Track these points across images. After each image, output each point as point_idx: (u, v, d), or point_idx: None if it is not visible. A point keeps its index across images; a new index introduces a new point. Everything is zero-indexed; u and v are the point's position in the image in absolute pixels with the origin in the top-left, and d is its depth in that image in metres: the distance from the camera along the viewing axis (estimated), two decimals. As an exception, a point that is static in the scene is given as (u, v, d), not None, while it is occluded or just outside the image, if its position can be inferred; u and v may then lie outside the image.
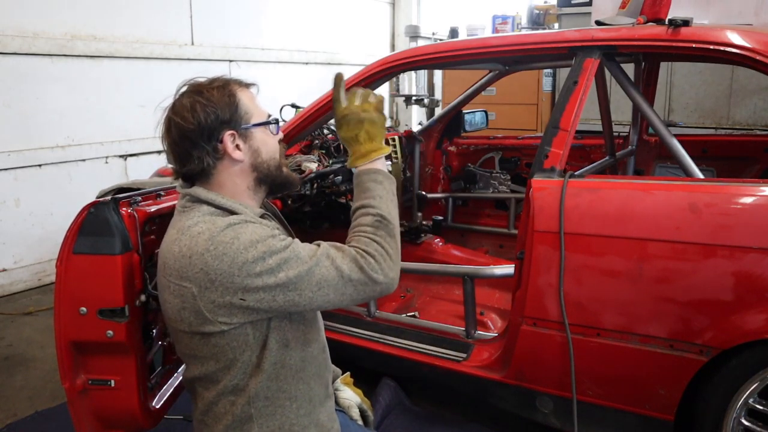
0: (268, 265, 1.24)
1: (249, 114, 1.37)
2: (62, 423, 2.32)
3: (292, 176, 1.49)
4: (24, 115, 3.79)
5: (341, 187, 2.70)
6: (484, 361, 2.08)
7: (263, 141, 1.39)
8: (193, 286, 1.26)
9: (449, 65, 3.57)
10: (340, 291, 1.29)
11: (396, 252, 1.36)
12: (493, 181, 3.51)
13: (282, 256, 1.26)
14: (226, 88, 1.37)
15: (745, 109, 4.48)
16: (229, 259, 1.23)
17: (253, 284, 1.24)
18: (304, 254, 1.29)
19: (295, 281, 1.26)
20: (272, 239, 1.28)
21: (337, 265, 1.29)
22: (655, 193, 1.74)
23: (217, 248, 1.24)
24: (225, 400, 1.37)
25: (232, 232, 1.26)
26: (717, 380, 1.69)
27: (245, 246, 1.24)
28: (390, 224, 1.37)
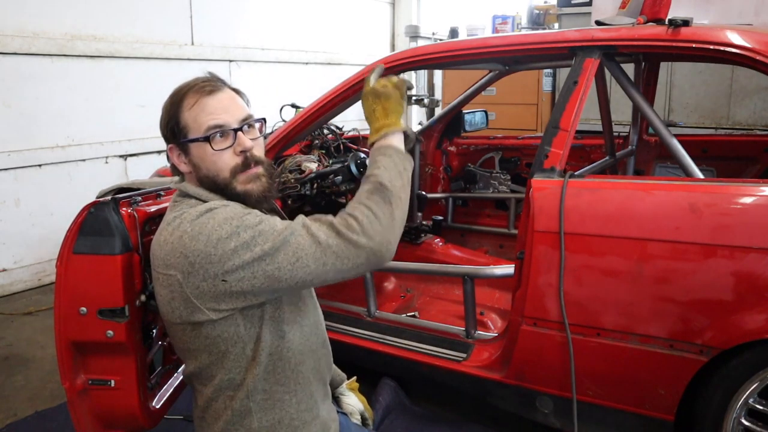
0: (243, 239, 1.23)
1: (187, 128, 1.35)
2: (62, 423, 2.32)
3: (251, 192, 1.36)
4: (24, 115, 3.79)
5: (341, 187, 2.70)
6: (484, 361, 2.08)
7: (200, 156, 1.35)
8: (177, 273, 1.26)
9: (449, 65, 3.57)
10: (321, 260, 1.24)
11: (389, 218, 1.29)
12: (493, 181, 3.51)
13: (256, 228, 1.24)
14: (177, 97, 1.36)
15: (745, 109, 4.48)
16: (204, 238, 1.23)
17: (231, 263, 1.23)
18: (280, 226, 1.26)
19: (271, 253, 1.23)
20: (247, 216, 1.27)
21: (312, 232, 1.25)
22: (655, 193, 1.74)
23: (194, 229, 1.25)
24: (223, 396, 1.37)
25: (209, 213, 1.27)
26: (717, 380, 1.69)
27: (219, 223, 1.24)
28: (387, 190, 1.31)
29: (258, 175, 1.37)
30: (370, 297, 2.43)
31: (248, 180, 1.36)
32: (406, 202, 1.36)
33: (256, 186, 1.36)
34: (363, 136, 3.22)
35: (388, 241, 1.29)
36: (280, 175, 2.60)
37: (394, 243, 1.30)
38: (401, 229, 1.34)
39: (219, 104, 1.35)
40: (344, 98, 2.34)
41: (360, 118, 5.27)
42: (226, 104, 1.35)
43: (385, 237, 1.28)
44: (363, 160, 2.76)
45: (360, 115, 1.79)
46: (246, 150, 1.35)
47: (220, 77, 1.42)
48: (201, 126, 1.33)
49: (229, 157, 1.34)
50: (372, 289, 2.43)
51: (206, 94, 1.35)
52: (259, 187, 1.37)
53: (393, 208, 1.30)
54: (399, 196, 1.33)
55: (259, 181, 1.37)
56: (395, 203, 1.31)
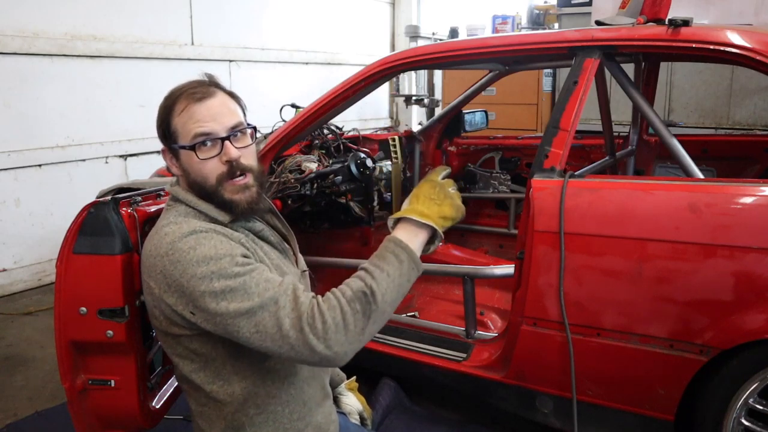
0: (212, 288, 1.20)
1: (176, 134, 1.34)
2: (62, 423, 2.32)
3: (237, 202, 1.34)
4: (24, 115, 3.79)
5: (341, 187, 2.70)
6: (484, 361, 2.08)
7: (187, 163, 1.34)
8: (156, 287, 1.27)
9: (449, 65, 3.57)
10: (277, 343, 1.19)
11: (358, 331, 1.20)
12: (493, 181, 3.51)
13: (229, 283, 1.20)
14: (169, 101, 1.35)
15: (745, 109, 4.48)
16: (181, 268, 1.22)
17: (199, 302, 1.21)
18: (254, 290, 1.20)
19: (234, 315, 1.19)
20: (228, 260, 1.22)
21: (279, 315, 1.19)
22: (655, 193, 1.73)
23: (174, 254, 1.23)
24: (212, 405, 1.36)
25: (193, 241, 1.23)
26: (717, 380, 1.69)
27: (198, 260, 1.21)
28: (373, 305, 1.21)
29: (246, 185, 1.34)
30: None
31: (235, 190, 1.33)
32: (387, 318, 1.27)
33: (243, 196, 1.34)
34: (363, 136, 3.22)
35: (345, 353, 1.21)
36: (281, 175, 2.59)
37: (352, 353, 1.23)
38: (368, 340, 1.25)
39: (207, 112, 1.32)
40: (344, 98, 2.33)
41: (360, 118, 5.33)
42: (215, 112, 1.32)
43: (345, 348, 1.20)
44: (363, 160, 2.76)
45: (360, 114, 1.79)
46: (232, 159, 1.32)
47: (215, 80, 1.40)
48: (188, 133, 1.32)
49: (215, 165, 1.32)
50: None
51: (195, 100, 1.32)
52: (247, 197, 1.34)
53: (369, 323, 1.22)
54: (383, 311, 1.24)
55: (247, 191, 1.34)
56: (374, 319, 1.23)
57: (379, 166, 2.93)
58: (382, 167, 2.98)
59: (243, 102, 1.42)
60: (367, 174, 2.77)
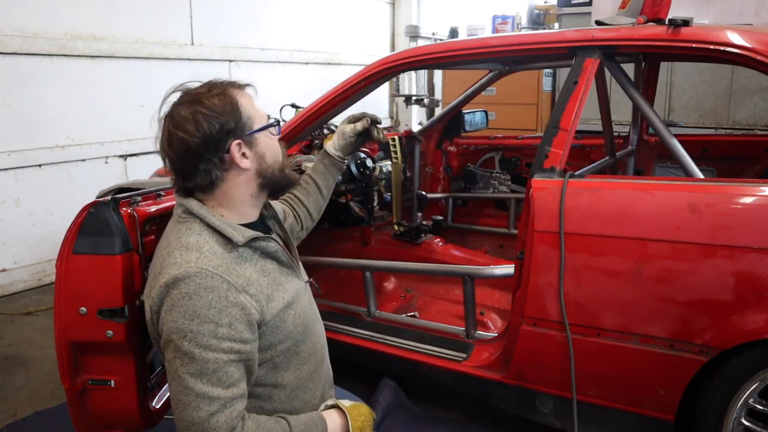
0: (179, 345, 1.21)
1: (252, 119, 1.33)
2: (62, 423, 2.32)
3: (294, 176, 1.47)
4: (24, 115, 3.79)
5: (341, 187, 2.70)
6: (484, 361, 2.08)
7: (268, 145, 1.36)
8: (149, 303, 1.30)
9: (449, 65, 3.57)
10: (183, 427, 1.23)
11: None
12: (493, 181, 3.51)
13: (195, 351, 1.20)
14: (226, 95, 1.31)
15: (745, 109, 4.47)
16: (169, 308, 1.24)
17: (165, 342, 1.25)
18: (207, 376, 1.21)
19: (173, 377, 1.22)
20: (212, 327, 1.21)
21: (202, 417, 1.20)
22: (655, 193, 1.73)
23: (171, 292, 1.23)
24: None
25: (193, 288, 1.22)
26: (717, 380, 1.69)
27: (186, 312, 1.21)
28: None
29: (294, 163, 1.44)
30: (370, 297, 2.43)
31: (291, 166, 1.46)
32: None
33: (294, 175, 1.47)
34: (363, 136, 3.21)
35: None
36: None
37: None
38: None
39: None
40: (344, 98, 2.34)
41: (360, 118, 5.03)
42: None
43: None
44: (363, 160, 2.76)
45: (360, 115, 1.80)
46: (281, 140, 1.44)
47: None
48: (262, 115, 1.37)
49: (278, 144, 1.42)
50: (372, 289, 2.43)
51: (244, 89, 1.38)
52: (296, 175, 1.48)
53: None
54: None
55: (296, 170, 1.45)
56: None
57: (379, 166, 2.93)
58: (382, 167, 2.98)
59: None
60: (367, 174, 2.77)
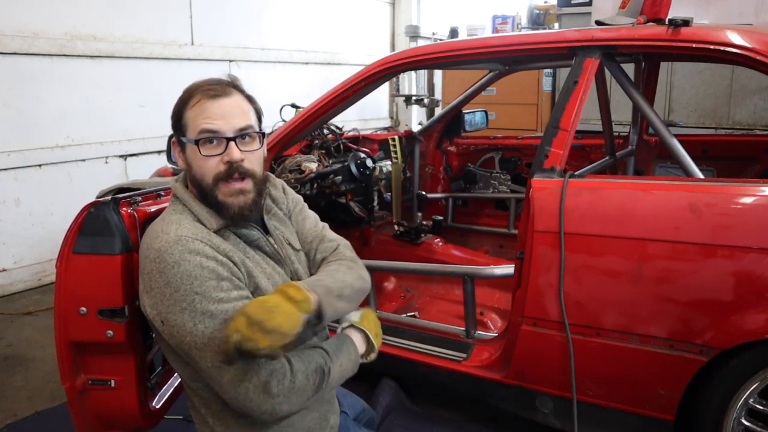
0: (193, 309, 1.21)
1: (186, 126, 1.34)
2: (62, 423, 2.32)
3: (229, 206, 1.32)
4: (24, 115, 3.79)
5: (341, 187, 2.70)
6: (484, 361, 2.08)
7: (191, 157, 1.35)
8: (141, 283, 1.30)
9: (449, 65, 3.57)
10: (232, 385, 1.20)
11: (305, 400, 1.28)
12: (493, 181, 3.51)
13: (211, 308, 1.21)
14: (186, 94, 1.36)
15: (745, 109, 4.47)
16: (165, 279, 1.24)
17: (173, 317, 1.23)
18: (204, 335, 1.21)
19: (206, 342, 1.20)
20: (214, 283, 1.23)
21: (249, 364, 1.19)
22: (655, 193, 1.73)
23: (161, 263, 1.24)
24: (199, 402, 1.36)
25: (177, 255, 1.23)
26: (717, 380, 1.69)
27: (183, 276, 1.22)
28: (325, 384, 1.31)
29: (242, 190, 1.32)
30: (370, 297, 2.43)
31: (229, 193, 1.32)
32: (316, 400, 1.34)
33: (236, 200, 1.32)
34: (363, 136, 3.22)
35: (289, 411, 1.27)
36: (281, 175, 2.59)
37: (284, 415, 1.27)
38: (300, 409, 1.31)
39: (218, 110, 1.31)
40: (344, 98, 2.34)
41: (360, 118, 5.31)
42: (225, 111, 1.31)
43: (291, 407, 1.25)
44: (363, 160, 2.76)
45: (360, 114, 1.80)
46: (233, 161, 1.31)
47: (236, 82, 1.39)
48: (196, 128, 1.31)
49: (215, 164, 1.31)
50: (372, 289, 2.43)
51: (209, 97, 1.32)
52: (240, 202, 1.32)
53: (313, 395, 1.29)
54: (322, 393, 1.32)
55: (241, 196, 1.32)
56: (318, 394, 1.30)
57: (379, 166, 2.93)
58: (382, 167, 2.98)
59: (259, 107, 1.41)
60: (367, 174, 2.77)
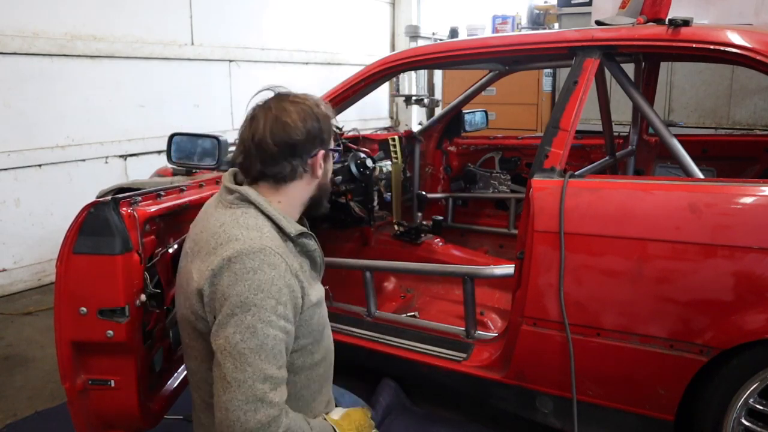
0: (242, 319, 1.23)
1: (330, 137, 1.44)
2: (62, 423, 2.31)
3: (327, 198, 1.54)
4: (24, 115, 3.79)
5: (341, 187, 2.70)
6: (484, 361, 2.08)
7: (328, 165, 1.47)
8: (205, 284, 1.28)
9: (449, 65, 3.57)
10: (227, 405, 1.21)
11: None
12: (493, 181, 3.51)
13: (258, 326, 1.23)
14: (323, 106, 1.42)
15: (745, 109, 4.48)
16: (233, 282, 1.25)
17: (222, 317, 1.24)
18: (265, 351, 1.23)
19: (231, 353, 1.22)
20: (273, 303, 1.25)
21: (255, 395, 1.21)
22: (655, 193, 1.74)
23: (236, 266, 1.25)
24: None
25: (258, 263, 1.26)
26: (717, 380, 1.69)
27: (252, 286, 1.24)
28: None
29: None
30: (370, 297, 2.43)
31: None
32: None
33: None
34: (363, 136, 3.22)
35: None
36: None
37: None
38: None
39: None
40: (344, 98, 2.34)
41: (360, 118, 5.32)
42: None
43: None
44: (363, 160, 2.76)
45: (360, 114, 1.80)
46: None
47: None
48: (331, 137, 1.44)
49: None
50: (372, 289, 2.43)
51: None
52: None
53: None
54: None
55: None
56: None
57: (379, 166, 2.93)
58: (382, 167, 2.98)
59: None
60: (367, 174, 2.77)
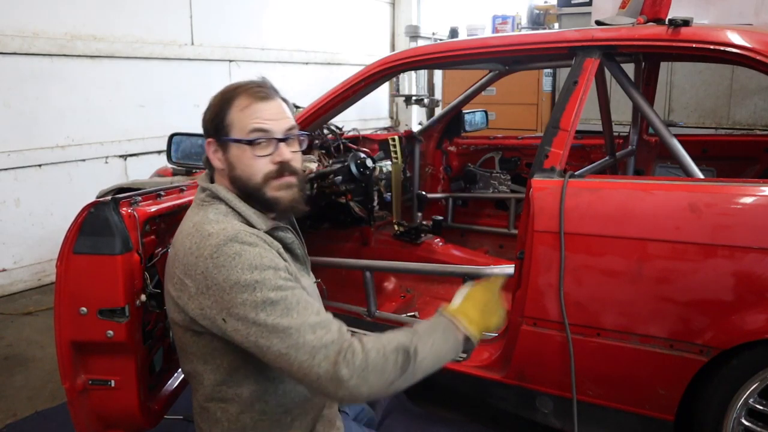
0: (254, 299, 1.20)
1: (231, 126, 1.35)
2: (62, 423, 2.32)
3: (280, 199, 1.37)
4: (24, 115, 3.79)
5: (341, 187, 2.70)
6: (484, 361, 2.08)
7: (238, 157, 1.36)
8: (192, 286, 1.26)
9: (449, 65, 3.57)
10: (303, 371, 1.19)
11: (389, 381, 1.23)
12: (493, 181, 3.51)
13: (271, 296, 1.21)
14: (229, 95, 1.37)
15: (745, 109, 4.48)
16: (225, 273, 1.22)
17: (236, 310, 1.21)
18: (294, 306, 1.22)
19: (270, 330, 1.19)
20: (272, 272, 1.23)
21: (316, 345, 1.19)
22: (655, 193, 1.73)
23: (219, 258, 1.23)
24: (216, 407, 1.36)
25: (238, 247, 1.24)
26: (717, 380, 1.69)
27: (243, 267, 1.22)
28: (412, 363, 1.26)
29: (290, 184, 1.37)
30: (370, 297, 2.43)
31: (280, 187, 1.36)
32: (413, 382, 1.30)
33: (287, 194, 1.37)
34: (363, 136, 3.22)
35: (369, 395, 1.24)
36: None
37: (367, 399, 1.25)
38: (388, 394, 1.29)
39: (269, 111, 1.36)
40: (344, 98, 2.34)
41: (360, 118, 5.32)
42: (274, 112, 1.37)
43: (371, 390, 1.22)
44: (363, 160, 2.76)
45: (360, 114, 1.80)
46: (284, 161, 1.36)
47: (273, 85, 1.43)
48: (245, 128, 1.34)
49: (265, 163, 1.35)
50: (372, 289, 2.43)
51: (259, 98, 1.36)
52: (289, 195, 1.37)
53: (400, 378, 1.25)
54: (415, 374, 1.28)
55: (291, 190, 1.37)
56: (405, 377, 1.26)
57: (379, 166, 2.93)
58: (382, 167, 2.98)
59: (293, 106, 1.47)
60: (367, 174, 2.77)
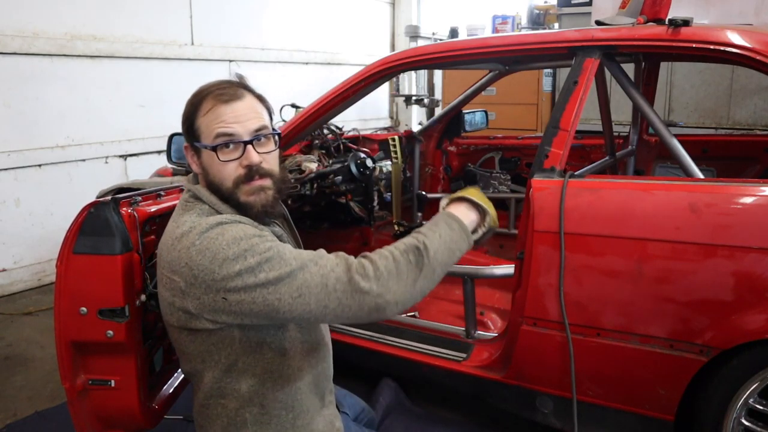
0: (248, 264, 1.21)
1: (199, 133, 1.34)
2: (62, 423, 2.32)
3: (251, 204, 1.34)
4: (24, 115, 3.79)
5: (341, 187, 2.70)
6: (484, 361, 2.08)
7: (207, 163, 1.35)
8: (180, 281, 1.26)
9: (449, 65, 3.57)
10: (323, 302, 1.21)
11: (410, 281, 1.23)
12: (493, 181, 3.51)
13: (264, 255, 1.22)
14: (196, 99, 1.35)
15: (745, 109, 4.48)
16: (210, 255, 1.22)
17: (233, 284, 1.21)
18: (289, 256, 1.23)
19: (274, 282, 1.20)
20: (257, 238, 1.24)
21: (324, 272, 1.21)
22: (655, 193, 1.73)
23: (202, 243, 1.23)
24: (215, 402, 1.37)
25: (219, 229, 1.25)
26: (717, 380, 1.69)
27: (227, 242, 1.22)
28: (425, 258, 1.25)
29: (262, 187, 1.34)
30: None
31: (251, 191, 1.34)
32: (437, 279, 1.29)
33: (258, 198, 1.34)
34: (363, 136, 3.22)
35: (397, 302, 1.23)
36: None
37: (403, 305, 1.24)
38: (418, 299, 1.27)
39: (233, 114, 1.32)
40: (344, 98, 2.33)
41: (360, 118, 5.34)
42: (240, 114, 1.32)
43: (397, 296, 1.22)
44: (363, 160, 2.76)
45: (360, 114, 1.80)
46: (252, 164, 1.33)
47: (245, 82, 1.39)
48: (211, 134, 1.32)
49: (234, 168, 1.33)
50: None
51: (222, 102, 1.32)
52: (261, 199, 1.35)
53: (420, 275, 1.25)
54: (434, 268, 1.27)
55: (262, 194, 1.35)
56: (425, 273, 1.26)
57: (379, 166, 2.93)
58: (382, 167, 2.98)
59: (270, 105, 1.42)
60: (367, 174, 2.77)
